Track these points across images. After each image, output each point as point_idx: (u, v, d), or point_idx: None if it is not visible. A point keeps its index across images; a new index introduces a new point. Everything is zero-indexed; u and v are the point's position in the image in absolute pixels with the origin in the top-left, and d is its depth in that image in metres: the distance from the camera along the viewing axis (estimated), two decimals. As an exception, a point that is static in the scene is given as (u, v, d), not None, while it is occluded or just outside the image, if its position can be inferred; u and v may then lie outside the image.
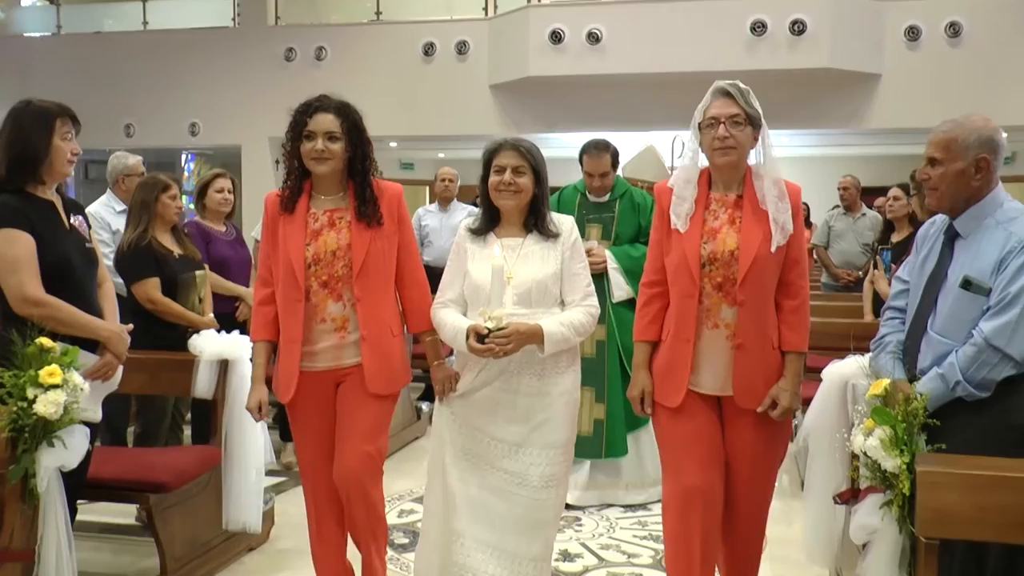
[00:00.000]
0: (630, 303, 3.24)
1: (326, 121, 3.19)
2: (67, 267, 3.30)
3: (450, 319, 3.21)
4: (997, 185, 2.93)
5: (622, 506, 4.96)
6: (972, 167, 2.86)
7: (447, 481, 3.24)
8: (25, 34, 13.88)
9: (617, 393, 4.76)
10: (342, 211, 3.27)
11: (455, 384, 3.27)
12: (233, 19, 12.99)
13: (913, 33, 10.80)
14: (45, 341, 3.01)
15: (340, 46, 12.26)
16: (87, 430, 3.13)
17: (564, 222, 3.29)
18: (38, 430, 2.93)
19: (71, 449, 3.02)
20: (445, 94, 11.83)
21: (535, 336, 3.07)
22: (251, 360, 3.59)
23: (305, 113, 3.22)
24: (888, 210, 5.92)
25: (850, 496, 3.52)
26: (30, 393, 2.91)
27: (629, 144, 6.28)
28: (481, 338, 3.03)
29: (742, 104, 2.96)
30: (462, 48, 11.89)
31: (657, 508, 4.30)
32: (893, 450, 2.49)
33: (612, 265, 4.90)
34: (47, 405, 2.90)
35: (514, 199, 3.19)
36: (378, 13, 12.44)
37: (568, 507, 4.61)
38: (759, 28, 10.51)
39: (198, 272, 4.77)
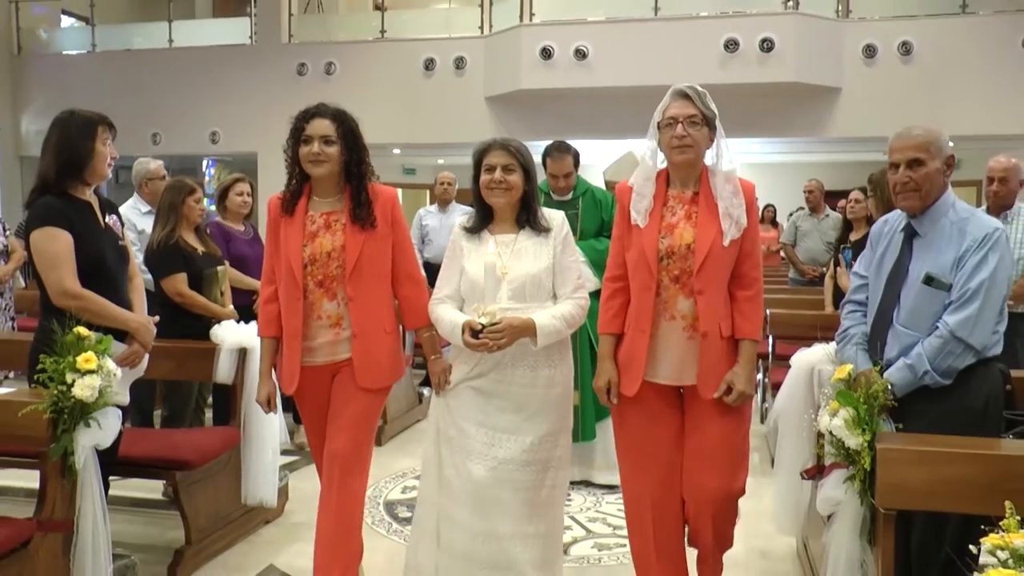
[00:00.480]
0: (598, 294, 3.16)
1: (322, 126, 3.12)
2: (102, 263, 3.29)
3: (447, 315, 3.08)
4: (948, 187, 2.94)
5: (598, 485, 4.88)
6: (944, 165, 2.88)
7: (443, 471, 3.11)
8: (63, 52, 13.83)
9: (587, 381, 4.54)
10: (338, 214, 3.19)
11: (448, 377, 3.15)
12: (250, 37, 12.93)
13: (870, 51, 10.85)
14: (82, 330, 3.01)
15: (348, 61, 12.23)
16: (119, 412, 3.12)
17: (555, 217, 3.17)
18: (76, 412, 2.93)
19: (105, 429, 3.02)
20: (444, 105, 11.82)
21: (528, 330, 2.95)
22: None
23: (303, 119, 3.16)
24: (849, 211, 5.91)
25: (816, 472, 3.53)
26: (69, 378, 2.91)
27: (612, 151, 6.29)
28: (475, 333, 2.93)
29: (699, 105, 2.86)
30: (460, 63, 11.87)
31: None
32: (856, 429, 2.49)
33: (580, 259, 4.68)
34: (84, 389, 2.89)
35: (505, 196, 3.07)
36: (383, 31, 12.39)
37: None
38: (732, 45, 10.54)
39: (219, 268, 4.76)
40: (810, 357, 3.56)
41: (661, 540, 3.04)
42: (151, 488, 4.51)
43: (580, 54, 10.93)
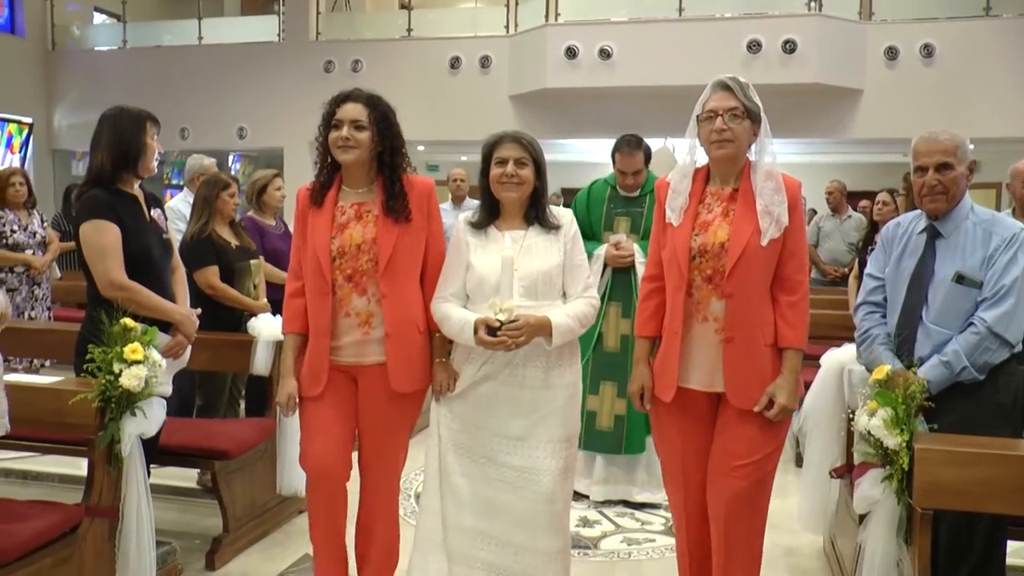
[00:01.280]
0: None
1: (354, 110, 2.89)
2: (147, 255, 3.33)
3: (455, 313, 2.89)
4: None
5: (635, 504, 4.51)
6: (967, 170, 2.89)
7: (452, 480, 2.94)
8: (96, 48, 13.93)
9: None
10: (369, 204, 2.95)
11: (454, 384, 2.96)
12: (278, 35, 12.95)
13: (891, 53, 10.76)
14: (129, 321, 3.04)
15: (374, 59, 12.23)
16: (164, 402, 3.15)
17: (564, 214, 3.00)
18: (123, 401, 2.96)
19: (150, 418, 3.05)
20: (469, 103, 11.80)
21: (544, 328, 2.79)
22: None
23: (335, 103, 2.94)
24: (876, 213, 5.90)
25: (845, 471, 3.54)
26: (116, 368, 2.94)
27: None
28: (492, 331, 2.74)
29: (741, 97, 2.66)
30: (485, 62, 11.87)
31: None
32: (894, 429, 2.49)
33: (640, 259, 4.37)
34: (131, 379, 2.93)
35: (517, 191, 2.90)
36: (409, 30, 12.40)
37: (580, 496, 4.42)
38: (754, 47, 10.50)
39: (253, 261, 4.78)
40: (840, 356, 3.57)
41: (695, 547, 2.88)
42: (186, 477, 4.56)
43: (604, 54, 10.90)
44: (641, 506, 4.51)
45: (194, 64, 12.90)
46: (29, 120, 13.10)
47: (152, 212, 3.46)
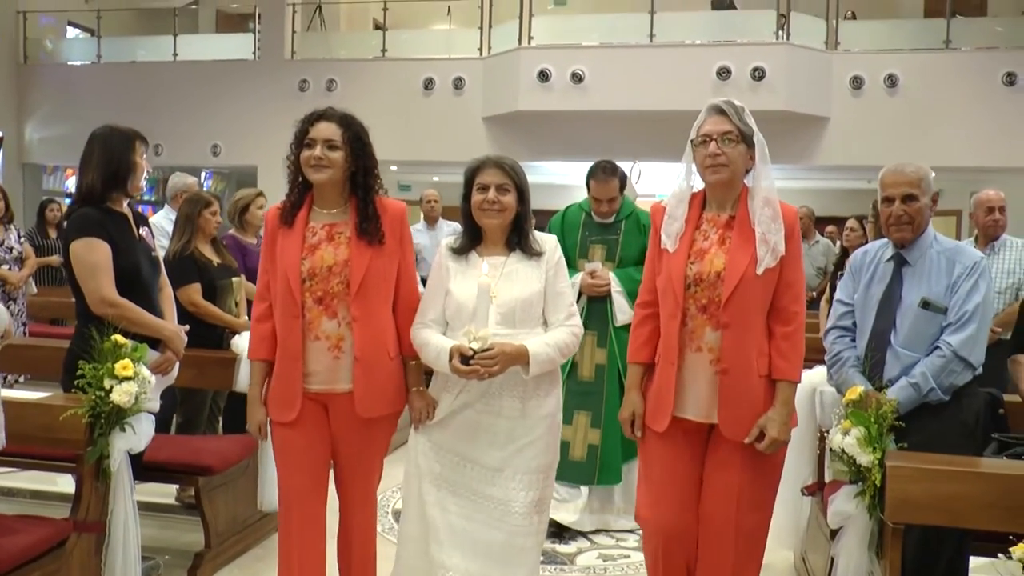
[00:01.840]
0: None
1: (327, 129, 2.82)
2: (136, 273, 3.38)
3: (433, 339, 2.82)
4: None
5: (616, 531, 4.45)
6: (931, 200, 3.03)
7: (426, 510, 2.84)
8: (69, 62, 13.86)
9: (615, 419, 3.86)
10: (341, 226, 2.88)
11: (432, 413, 2.89)
12: (253, 53, 12.99)
13: (857, 82, 11.00)
14: (119, 338, 3.07)
15: (349, 79, 12.30)
16: (152, 418, 3.19)
17: (547, 240, 2.93)
18: (112, 417, 3.00)
19: (139, 434, 3.09)
20: (442, 124, 11.88)
21: (521, 357, 2.71)
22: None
23: (308, 121, 2.87)
24: (845, 239, 6.07)
25: (816, 489, 3.65)
26: (107, 384, 2.97)
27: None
28: (466, 359, 2.66)
29: (736, 121, 2.64)
30: (459, 84, 11.95)
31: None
32: (867, 447, 2.60)
33: (616, 288, 4.33)
34: (122, 395, 2.96)
35: (499, 218, 2.84)
36: (383, 51, 12.48)
37: (564, 528, 4.35)
38: (724, 73, 10.69)
39: (234, 279, 4.82)
40: (812, 378, 3.67)
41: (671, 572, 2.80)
42: (165, 493, 4.56)
43: (576, 77, 11.04)
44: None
45: (169, 80, 12.87)
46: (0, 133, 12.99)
47: (140, 230, 3.51)
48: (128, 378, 3.00)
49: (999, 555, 2.27)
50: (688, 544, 2.76)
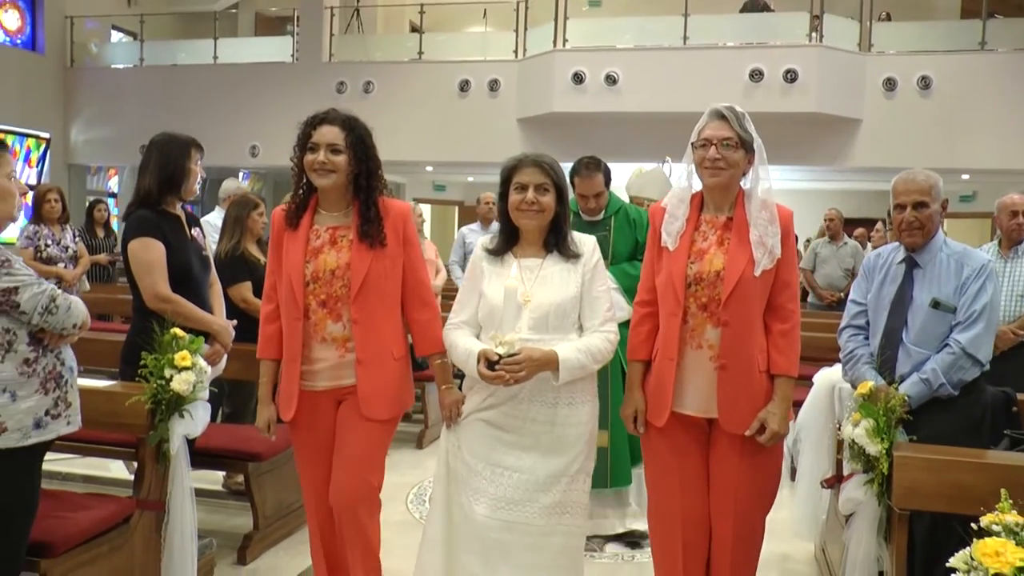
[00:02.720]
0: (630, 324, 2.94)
1: (330, 133, 2.85)
2: (189, 271, 3.61)
3: (462, 341, 2.80)
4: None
5: (624, 537, 4.38)
6: (940, 207, 3.20)
7: (452, 513, 2.84)
8: (113, 66, 14.28)
9: (620, 420, 3.63)
10: (344, 229, 2.91)
11: (460, 410, 2.88)
12: (292, 55, 13.32)
13: (890, 84, 11.09)
14: (178, 331, 3.31)
15: (386, 81, 12.55)
16: (208, 405, 3.42)
17: (586, 242, 2.87)
18: (172, 404, 3.23)
19: (196, 420, 3.32)
20: (477, 126, 12.12)
21: (550, 363, 2.66)
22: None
23: (311, 125, 2.90)
24: (875, 241, 6.19)
25: (835, 481, 3.81)
26: (167, 373, 3.21)
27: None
28: (491, 364, 2.64)
29: (736, 127, 2.69)
30: (494, 85, 12.19)
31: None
32: (875, 438, 2.78)
33: (611, 285, 4.11)
34: (181, 383, 3.20)
35: (537, 219, 2.77)
36: (420, 53, 12.74)
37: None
38: (757, 75, 10.84)
39: (279, 278, 5.06)
40: (832, 376, 3.85)
41: (688, 571, 2.85)
42: (213, 480, 4.82)
43: (611, 80, 11.24)
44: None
45: (209, 83, 13.26)
46: (47, 135, 13.44)
47: (192, 230, 3.75)
48: (187, 368, 3.24)
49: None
50: (703, 540, 2.82)
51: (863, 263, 3.54)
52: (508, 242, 2.87)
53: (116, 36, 15.26)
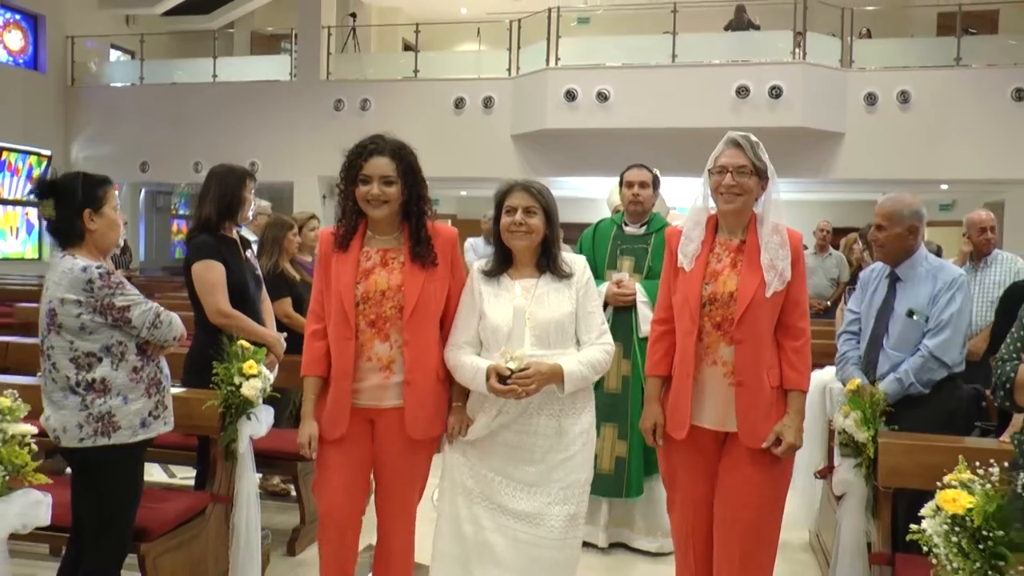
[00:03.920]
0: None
1: (381, 165, 2.90)
2: (245, 289, 4.04)
3: (468, 360, 2.91)
4: (922, 243, 3.77)
5: (636, 550, 4.51)
6: (907, 231, 3.67)
7: (461, 527, 2.95)
8: (112, 84, 14.67)
9: (638, 431, 3.81)
10: (395, 251, 2.98)
11: (466, 429, 2.97)
12: (290, 74, 13.72)
13: (871, 99, 11.62)
14: (244, 343, 3.75)
15: (382, 99, 13.00)
16: (272, 409, 3.85)
17: (577, 262, 3.03)
18: (240, 407, 3.66)
19: (261, 422, 3.75)
20: (472, 141, 12.55)
21: (556, 376, 2.82)
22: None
23: (360, 156, 2.92)
24: (849, 251, 6.67)
25: (827, 472, 4.28)
26: (236, 380, 3.65)
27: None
28: (503, 379, 2.76)
29: (751, 156, 2.86)
30: (488, 103, 12.64)
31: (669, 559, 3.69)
32: (863, 427, 3.26)
33: (642, 299, 4.41)
34: (250, 389, 3.63)
35: (526, 239, 2.93)
36: (415, 71, 13.20)
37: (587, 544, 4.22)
38: (743, 92, 11.32)
39: (312, 293, 5.49)
40: (823, 377, 4.32)
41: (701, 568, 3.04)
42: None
43: (602, 96, 11.68)
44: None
45: (208, 100, 13.63)
46: (48, 152, 13.82)
47: (246, 252, 4.19)
48: (254, 375, 3.68)
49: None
50: (708, 535, 2.99)
51: (860, 276, 4.01)
52: (503, 264, 3.01)
53: (115, 55, 15.67)
